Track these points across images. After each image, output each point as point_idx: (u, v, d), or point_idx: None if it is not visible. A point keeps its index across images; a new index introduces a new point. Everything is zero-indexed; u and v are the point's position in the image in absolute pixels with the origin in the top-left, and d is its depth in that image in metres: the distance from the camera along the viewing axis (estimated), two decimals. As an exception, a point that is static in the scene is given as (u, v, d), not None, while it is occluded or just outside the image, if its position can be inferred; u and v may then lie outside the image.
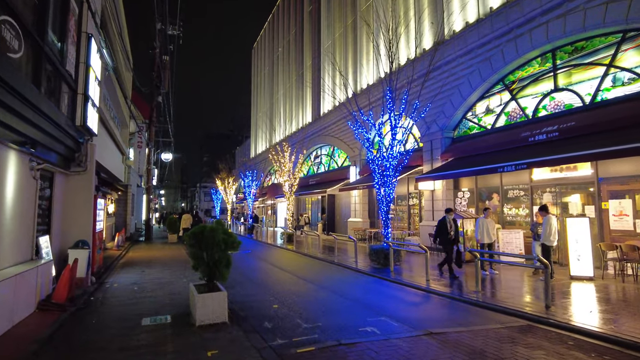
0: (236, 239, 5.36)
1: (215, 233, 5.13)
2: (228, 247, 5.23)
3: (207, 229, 5.20)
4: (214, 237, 5.12)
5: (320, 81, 25.95)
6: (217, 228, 5.18)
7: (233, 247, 5.26)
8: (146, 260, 12.27)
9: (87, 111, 7.02)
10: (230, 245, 5.23)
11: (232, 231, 22.10)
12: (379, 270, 10.17)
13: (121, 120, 19.64)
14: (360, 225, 19.37)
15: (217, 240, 5.13)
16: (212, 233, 5.12)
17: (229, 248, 5.24)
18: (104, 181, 14.71)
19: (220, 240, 5.14)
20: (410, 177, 16.41)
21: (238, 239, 5.40)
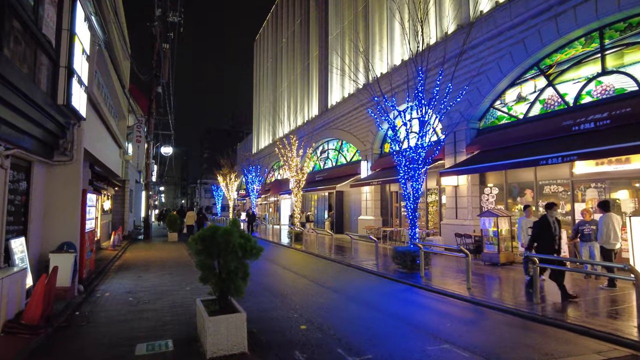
0: (256, 244, 4.19)
1: (229, 236, 3.97)
2: (247, 255, 4.06)
3: (219, 231, 4.03)
4: (229, 242, 3.96)
5: (327, 72, 24.73)
6: (232, 230, 4.01)
7: (253, 253, 4.09)
8: (144, 263, 11.11)
9: (71, 88, 5.84)
10: (249, 251, 4.06)
11: None
12: (406, 276, 9.02)
13: (118, 112, 18.45)
14: (372, 224, 18.21)
15: (233, 246, 3.97)
16: (225, 236, 3.96)
17: (248, 255, 4.07)
18: (99, 175, 13.53)
19: (237, 246, 3.98)
20: (429, 172, 15.22)
21: (259, 244, 4.23)
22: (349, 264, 10.96)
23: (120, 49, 15.41)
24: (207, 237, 4.04)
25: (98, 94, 11.14)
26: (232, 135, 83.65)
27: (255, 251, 4.11)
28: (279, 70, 35.24)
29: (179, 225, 18.83)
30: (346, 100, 21.53)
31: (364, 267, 10.29)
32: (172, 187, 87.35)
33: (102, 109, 12.18)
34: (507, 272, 9.39)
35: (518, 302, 6.53)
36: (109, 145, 14.84)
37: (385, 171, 17.23)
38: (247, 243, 4.18)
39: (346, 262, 11.21)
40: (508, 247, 10.46)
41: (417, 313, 6.02)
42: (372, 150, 18.79)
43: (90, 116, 10.63)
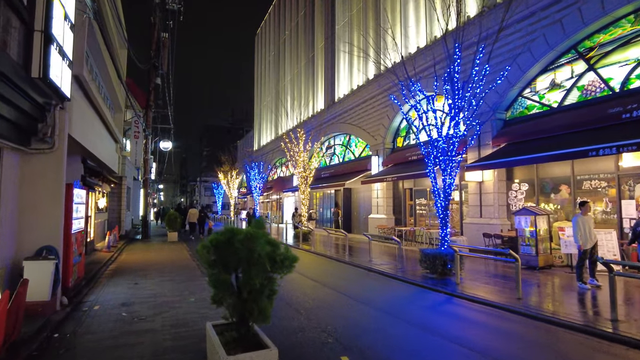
0: (289, 252, 3.12)
1: (254, 243, 2.89)
2: (276, 267, 2.99)
3: (238, 235, 2.96)
4: (253, 250, 2.89)
5: (334, 64, 23.62)
6: (257, 235, 2.94)
7: (285, 265, 3.03)
8: (141, 266, 10.03)
9: (49, 58, 4.75)
10: (280, 263, 2.99)
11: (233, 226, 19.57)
12: (437, 282, 7.97)
13: (115, 104, 17.36)
14: (384, 223, 17.16)
15: (259, 256, 2.89)
16: (248, 243, 2.88)
17: (278, 268, 3.01)
18: (92, 170, 12.44)
19: (264, 256, 2.90)
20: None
21: (292, 252, 3.15)
22: (368, 268, 9.90)
23: (116, 33, 14.30)
24: (223, 243, 2.98)
25: (90, 80, 10.04)
26: (232, 133, 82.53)
27: (288, 262, 3.04)
28: (281, 63, 34.11)
29: (179, 224, 17.75)
30: (355, 93, 20.43)
31: (387, 272, 9.22)
32: (172, 185, 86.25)
33: (96, 97, 11.08)
34: (550, 278, 8.34)
35: (587, 317, 5.47)
36: (104, 138, 13.74)
37: (399, 167, 16.17)
38: (275, 251, 3.10)
39: (364, 266, 10.15)
40: (546, 249, 9.40)
41: (474, 334, 4.96)
42: (383, 144, 17.71)
43: (81, 103, 9.55)
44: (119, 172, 17.87)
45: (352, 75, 21.31)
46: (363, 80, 19.91)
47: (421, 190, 16.29)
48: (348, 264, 10.78)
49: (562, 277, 8.42)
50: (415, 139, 16.46)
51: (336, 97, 23.04)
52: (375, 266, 9.99)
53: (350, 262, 10.87)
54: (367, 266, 10.06)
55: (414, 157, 15.36)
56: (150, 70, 18.62)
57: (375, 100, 18.48)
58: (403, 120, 17.24)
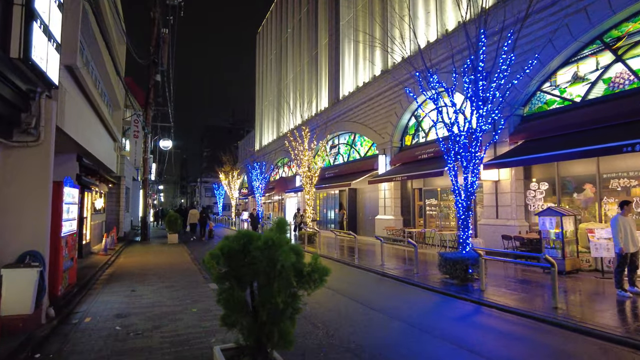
0: (319, 263, 2.50)
1: (276, 251, 2.27)
2: (304, 281, 2.37)
3: (256, 242, 2.34)
4: (275, 261, 2.27)
5: (338, 61, 23.02)
6: (280, 241, 2.31)
7: (313, 280, 2.41)
8: (139, 270, 9.41)
9: (31, 37, 4.14)
10: (309, 276, 2.37)
11: (235, 228, 18.48)
12: (460, 289, 7.35)
13: (113, 101, 16.75)
14: (392, 224, 16.53)
15: (282, 267, 2.27)
16: (269, 252, 2.26)
17: (306, 282, 2.39)
18: (89, 169, 11.84)
19: (288, 268, 2.28)
20: (460, 166, 13.54)
21: (321, 264, 2.53)
22: (382, 273, 9.27)
23: (114, 26, 13.70)
24: (236, 252, 2.37)
25: (85, 73, 9.44)
26: (232, 133, 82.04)
27: (318, 275, 2.43)
28: (283, 62, 33.51)
29: (179, 225, 17.12)
30: (360, 90, 19.82)
31: (402, 278, 8.60)
32: (172, 185, 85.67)
33: (92, 92, 10.49)
34: (580, 284, 7.71)
35: None
36: (101, 136, 13.14)
37: (408, 166, 15.56)
38: (300, 259, 2.48)
39: (377, 270, 9.52)
40: (573, 252, 8.78)
41: (517, 351, 4.34)
42: (391, 143, 17.09)
43: (75, 96, 8.95)
44: (117, 172, 17.26)
45: (358, 72, 20.70)
46: (369, 77, 19.31)
47: (431, 190, 15.67)
48: (359, 268, 10.16)
49: (592, 282, 7.79)
50: (424, 137, 15.86)
51: (341, 95, 22.44)
52: (388, 271, 9.36)
53: (361, 266, 10.25)
54: (380, 270, 9.43)
55: (424, 156, 14.74)
56: (150, 67, 18.02)
57: (382, 98, 17.87)
58: (412, 117, 16.64)
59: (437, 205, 15.29)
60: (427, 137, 15.71)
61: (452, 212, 14.59)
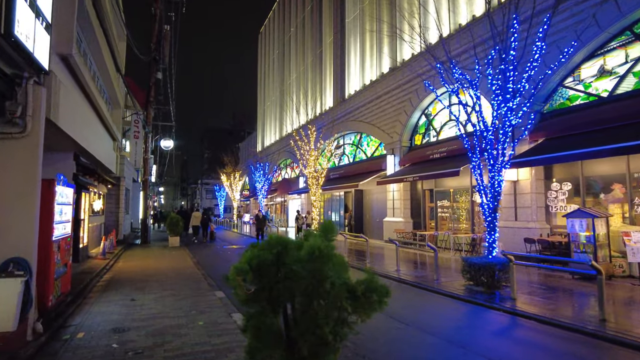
0: (376, 280, 1.89)
1: (323, 265, 1.66)
2: (360, 305, 1.77)
3: (295, 251, 1.73)
4: (323, 278, 1.65)
5: (344, 60, 22.46)
6: (328, 251, 1.71)
7: (371, 302, 1.80)
8: (140, 276, 8.81)
9: (14, 8, 3.56)
10: (364, 299, 1.77)
11: (237, 231, 17.73)
12: (488, 297, 6.75)
13: (112, 99, 16.19)
14: (401, 227, 15.93)
15: (331, 287, 1.66)
16: (314, 265, 1.66)
17: (362, 306, 1.78)
18: (87, 169, 11.25)
19: (340, 288, 1.67)
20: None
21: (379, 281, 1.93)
22: (398, 279, 8.66)
23: (114, 20, 13.15)
24: (268, 265, 1.77)
25: (82, 64, 8.88)
26: (233, 135, 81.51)
27: (377, 297, 1.82)
28: (286, 61, 32.98)
29: (181, 228, 16.49)
30: (367, 88, 19.25)
31: (423, 284, 7.99)
32: (172, 187, 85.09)
33: (89, 87, 9.92)
34: (616, 292, 7.11)
35: None
36: (100, 135, 12.57)
37: (418, 166, 14.98)
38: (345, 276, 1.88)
39: (393, 276, 8.92)
40: (606, 257, 8.17)
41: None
42: (400, 142, 16.50)
43: (71, 89, 8.38)
44: (116, 173, 16.68)
45: (364, 70, 20.14)
46: (377, 74, 18.74)
47: (443, 191, 15.07)
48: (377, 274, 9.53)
49: (630, 290, 7.19)
50: (435, 137, 15.28)
51: (346, 94, 21.87)
52: (405, 277, 8.76)
53: (375, 271, 9.60)
54: (396, 276, 8.83)
55: (436, 156, 14.15)
56: (151, 64, 17.47)
57: (390, 96, 17.30)
58: (422, 116, 16.06)
59: (449, 207, 14.68)
60: (439, 136, 15.12)
61: (465, 214, 14.00)
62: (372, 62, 19.47)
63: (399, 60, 17.07)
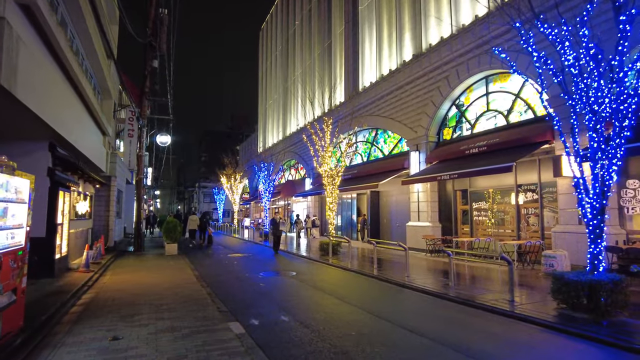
0: None
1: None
2: None
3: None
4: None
5: (357, 50, 20.70)
6: None
7: None
8: (129, 296, 6.90)
9: None
10: None
11: (238, 236, 15.36)
12: (596, 327, 4.92)
13: (103, 88, 14.27)
14: (429, 232, 14.08)
15: None
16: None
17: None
18: (66, 162, 9.35)
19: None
20: (528, 162, 11.16)
21: None
22: (461, 300, 6.79)
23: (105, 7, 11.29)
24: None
25: (56, 27, 7.02)
26: (232, 137, 80.00)
27: None
28: (290, 57, 31.22)
29: (179, 233, 14.46)
30: (386, 79, 17.48)
31: (499, 309, 6.12)
32: (168, 191, 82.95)
33: (68, 59, 8.09)
34: None
35: None
36: (85, 124, 10.70)
37: (450, 163, 13.17)
38: None
39: (450, 296, 7.05)
40: None
41: None
42: (426, 137, 14.70)
43: (37, 54, 6.52)
44: (107, 171, 14.76)
45: (381, 60, 18.37)
46: (397, 63, 16.97)
47: (479, 191, 13.26)
48: (416, 290, 7.65)
49: None
50: (470, 130, 13.49)
51: (360, 87, 20.09)
52: (458, 293, 6.88)
53: (420, 287, 7.75)
54: (457, 297, 6.95)
55: (473, 151, 12.35)
56: (147, 50, 15.63)
57: (414, 86, 15.52)
58: (452, 107, 14.28)
59: (488, 210, 12.86)
60: (474, 129, 13.34)
61: (509, 217, 12.18)
62: (390, 50, 17.71)
63: (424, 47, 15.31)
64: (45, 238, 8.06)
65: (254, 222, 35.69)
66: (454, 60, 13.61)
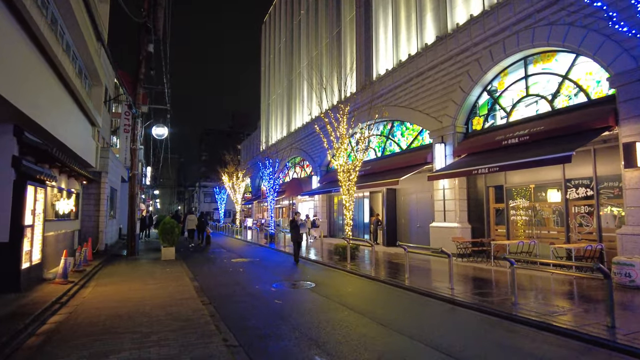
0: None
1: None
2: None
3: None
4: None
5: (370, 36, 19.14)
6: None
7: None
8: (110, 320, 5.35)
9: None
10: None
11: (240, 237, 13.78)
12: None
13: (91, 72, 12.71)
14: (457, 233, 12.53)
15: None
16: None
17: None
18: (40, 152, 7.79)
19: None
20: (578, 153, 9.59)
21: None
22: (540, 323, 5.22)
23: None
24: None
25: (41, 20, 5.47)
26: (232, 137, 78.85)
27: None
28: (295, 49, 29.66)
29: (177, 235, 12.79)
30: (404, 65, 15.91)
31: (595, 336, 4.56)
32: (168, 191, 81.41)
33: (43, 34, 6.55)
34: None
35: None
36: (66, 109, 9.18)
37: (482, 156, 11.63)
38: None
39: (525, 318, 5.48)
40: None
41: None
42: (454, 127, 13.14)
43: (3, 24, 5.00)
44: (96, 167, 13.22)
45: (399, 45, 16.81)
46: (418, 47, 15.41)
47: (517, 188, 11.68)
48: (481, 310, 6.07)
49: None
50: (505, 118, 11.92)
51: (374, 75, 18.53)
52: (546, 318, 5.31)
53: (480, 306, 6.17)
54: (532, 319, 5.38)
55: (512, 141, 10.80)
56: (141, 33, 14.07)
57: (438, 71, 13.96)
58: (483, 93, 12.71)
59: (528, 208, 11.28)
60: (510, 117, 11.78)
61: (554, 217, 10.61)
62: (409, 34, 16.16)
63: (450, 27, 13.74)
64: (8, 243, 6.50)
65: (256, 222, 34.15)
66: (486, 40, 12.05)
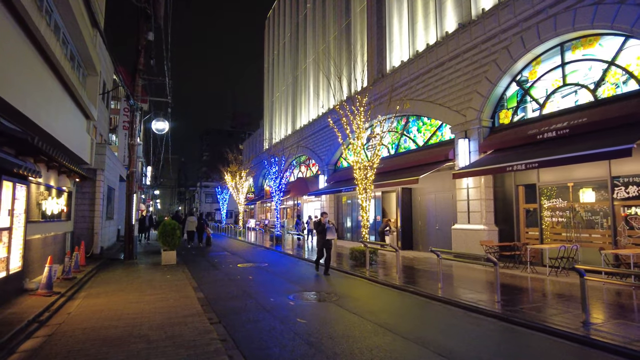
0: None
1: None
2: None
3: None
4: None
5: (382, 27, 18.08)
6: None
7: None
8: (98, 344, 4.31)
9: None
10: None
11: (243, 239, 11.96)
12: None
13: (85, 60, 11.67)
14: (484, 236, 11.46)
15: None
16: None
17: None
18: (20, 142, 6.73)
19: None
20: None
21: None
22: (622, 349, 4.17)
23: None
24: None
25: None
26: (233, 136, 78.17)
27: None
28: (301, 44, 28.64)
29: (178, 238, 11.68)
30: (421, 56, 14.86)
31: None
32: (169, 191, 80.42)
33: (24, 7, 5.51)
34: None
35: None
36: (53, 97, 8.14)
37: (512, 152, 10.62)
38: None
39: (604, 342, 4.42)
40: None
41: None
42: (479, 121, 12.09)
43: None
44: (90, 163, 12.18)
45: (415, 34, 15.77)
46: (438, 36, 14.37)
47: (552, 186, 10.61)
48: (547, 331, 5.00)
49: None
50: (538, 110, 10.88)
51: (388, 67, 17.49)
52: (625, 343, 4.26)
53: (545, 326, 5.11)
54: (615, 344, 4.32)
55: (548, 135, 9.80)
56: (140, 20, 13.03)
57: (460, 61, 12.92)
58: (511, 83, 11.67)
59: (567, 209, 10.21)
60: (544, 109, 10.73)
61: (598, 218, 9.54)
62: (426, 22, 15.11)
63: (474, 13, 12.70)
64: (-22, 250, 5.46)
65: (259, 223, 33.11)
66: (517, 25, 11.01)
